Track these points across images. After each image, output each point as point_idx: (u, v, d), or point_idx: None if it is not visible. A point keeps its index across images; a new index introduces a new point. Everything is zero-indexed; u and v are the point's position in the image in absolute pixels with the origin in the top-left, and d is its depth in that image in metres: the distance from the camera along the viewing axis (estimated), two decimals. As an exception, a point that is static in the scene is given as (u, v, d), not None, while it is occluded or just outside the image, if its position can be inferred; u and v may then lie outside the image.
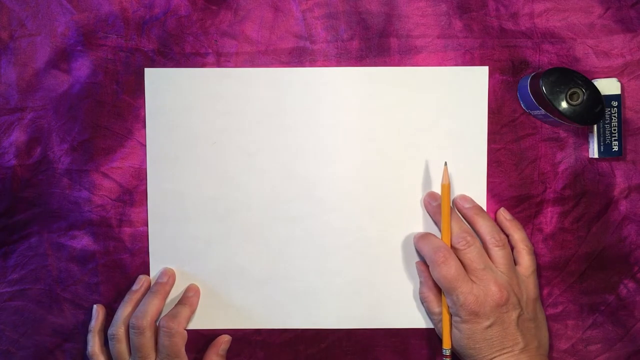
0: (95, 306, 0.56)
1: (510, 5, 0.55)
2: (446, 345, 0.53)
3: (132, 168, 0.56)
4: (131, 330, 0.53)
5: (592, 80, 0.52)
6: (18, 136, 0.56)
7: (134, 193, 0.56)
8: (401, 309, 0.56)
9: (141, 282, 0.56)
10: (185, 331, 0.54)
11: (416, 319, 0.56)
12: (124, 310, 0.54)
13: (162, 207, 0.56)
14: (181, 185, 0.56)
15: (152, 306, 0.54)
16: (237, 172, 0.56)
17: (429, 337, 0.57)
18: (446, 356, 0.53)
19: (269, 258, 0.56)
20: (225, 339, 0.56)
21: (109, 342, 0.54)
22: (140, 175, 0.56)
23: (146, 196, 0.56)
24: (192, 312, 0.56)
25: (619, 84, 0.54)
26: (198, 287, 0.56)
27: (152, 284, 0.56)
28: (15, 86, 0.56)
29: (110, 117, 0.56)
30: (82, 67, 0.56)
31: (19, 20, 0.55)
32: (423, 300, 0.55)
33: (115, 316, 0.55)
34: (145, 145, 0.56)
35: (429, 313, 0.55)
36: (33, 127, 0.56)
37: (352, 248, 0.56)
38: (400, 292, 0.56)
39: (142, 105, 0.56)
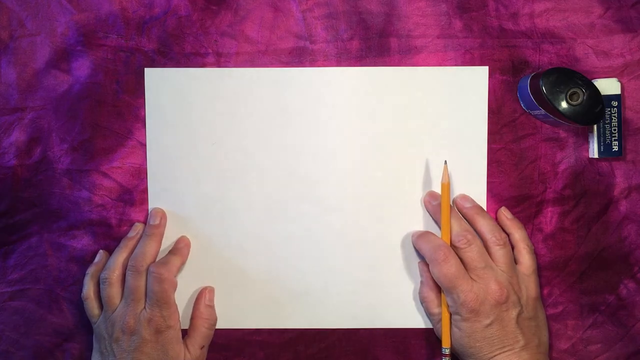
0: (101, 251, 0.56)
1: (510, 5, 0.55)
2: (445, 344, 0.53)
3: (132, 168, 0.56)
4: (128, 272, 0.53)
5: (592, 80, 0.52)
6: (18, 136, 0.56)
7: (134, 193, 0.56)
8: (401, 309, 0.56)
9: (137, 229, 0.56)
10: (176, 280, 0.54)
11: (416, 319, 0.56)
12: (119, 255, 0.54)
13: (162, 207, 0.56)
14: (181, 185, 0.56)
15: (149, 248, 0.54)
16: (237, 172, 0.56)
17: (429, 337, 0.57)
18: (445, 355, 0.53)
19: (269, 258, 0.56)
20: (209, 289, 0.56)
21: (101, 285, 0.54)
22: (140, 175, 0.56)
23: (146, 196, 0.56)
24: (183, 262, 0.56)
25: (619, 84, 0.54)
26: (189, 240, 0.56)
27: (145, 228, 0.56)
28: (15, 86, 0.56)
29: (110, 117, 0.56)
30: (82, 67, 0.56)
31: (19, 20, 0.55)
32: (422, 301, 0.55)
33: (109, 261, 0.54)
34: (145, 145, 0.56)
35: (429, 314, 0.55)
36: (33, 127, 0.56)
37: (352, 248, 0.56)
38: (400, 292, 0.56)
39: (142, 105, 0.56)
